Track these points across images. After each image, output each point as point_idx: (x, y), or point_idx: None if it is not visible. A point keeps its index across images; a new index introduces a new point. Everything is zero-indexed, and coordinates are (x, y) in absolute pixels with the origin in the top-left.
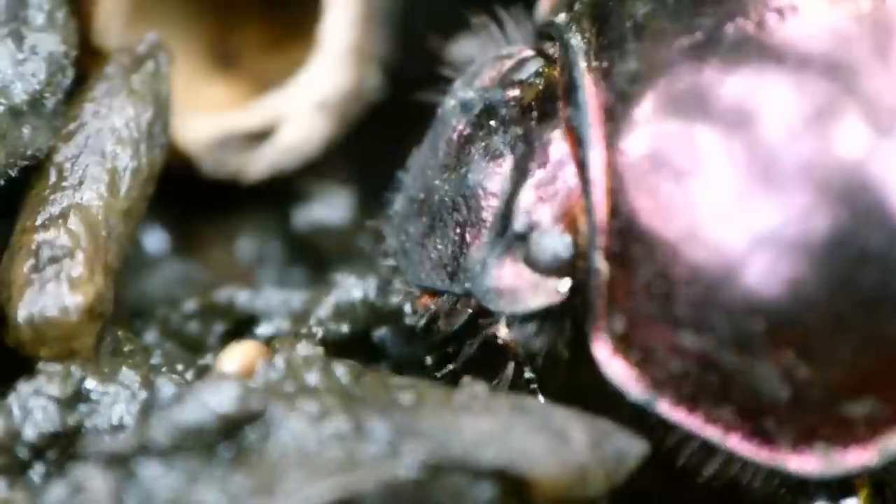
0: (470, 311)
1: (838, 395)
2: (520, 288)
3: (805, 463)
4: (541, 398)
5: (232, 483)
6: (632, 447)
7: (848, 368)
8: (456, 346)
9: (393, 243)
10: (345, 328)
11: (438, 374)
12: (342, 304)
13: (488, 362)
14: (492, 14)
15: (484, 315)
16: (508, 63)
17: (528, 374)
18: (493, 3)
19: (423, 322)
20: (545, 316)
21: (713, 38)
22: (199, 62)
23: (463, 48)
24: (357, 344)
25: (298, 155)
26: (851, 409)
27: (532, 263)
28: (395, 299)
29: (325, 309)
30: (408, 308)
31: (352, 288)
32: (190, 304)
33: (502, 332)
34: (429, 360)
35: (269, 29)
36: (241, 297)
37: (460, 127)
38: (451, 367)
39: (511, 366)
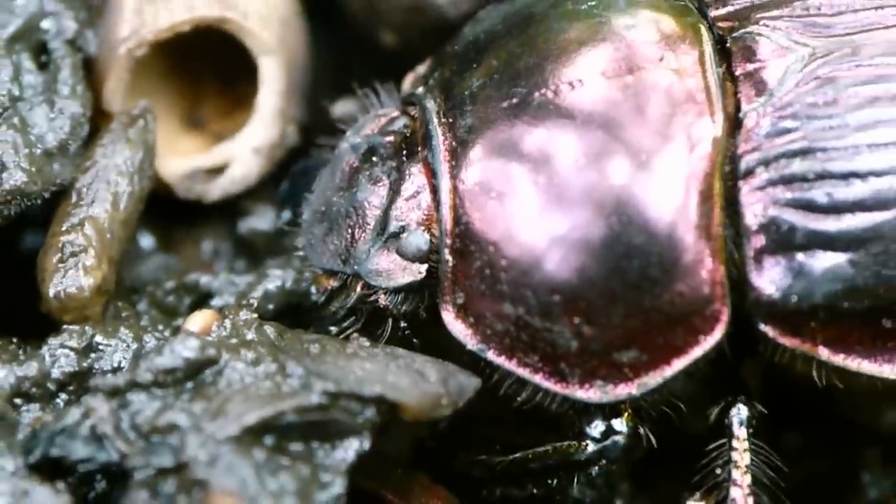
0: (359, 288)
1: (612, 348)
2: (393, 270)
3: (588, 393)
4: (408, 346)
5: (194, 408)
6: (470, 382)
7: (618, 329)
8: (348, 314)
9: (303, 241)
10: (273, 303)
11: (338, 334)
12: (270, 287)
13: (371, 324)
14: (370, 86)
15: (368, 289)
16: (384, 119)
17: (399, 330)
18: (371, 79)
19: (324, 298)
20: (410, 290)
21: (524, 102)
22: (176, 124)
23: (346, 108)
24: (282, 313)
25: (242, 184)
26: (621, 357)
27: (401, 254)
28: (305, 284)
29: (259, 290)
30: (313, 289)
31: (277, 276)
32: (168, 285)
33: (381, 300)
34: (333, 329)
35: (226, 100)
36: (203, 280)
37: (352, 161)
38: (346, 328)
39: (388, 325)
